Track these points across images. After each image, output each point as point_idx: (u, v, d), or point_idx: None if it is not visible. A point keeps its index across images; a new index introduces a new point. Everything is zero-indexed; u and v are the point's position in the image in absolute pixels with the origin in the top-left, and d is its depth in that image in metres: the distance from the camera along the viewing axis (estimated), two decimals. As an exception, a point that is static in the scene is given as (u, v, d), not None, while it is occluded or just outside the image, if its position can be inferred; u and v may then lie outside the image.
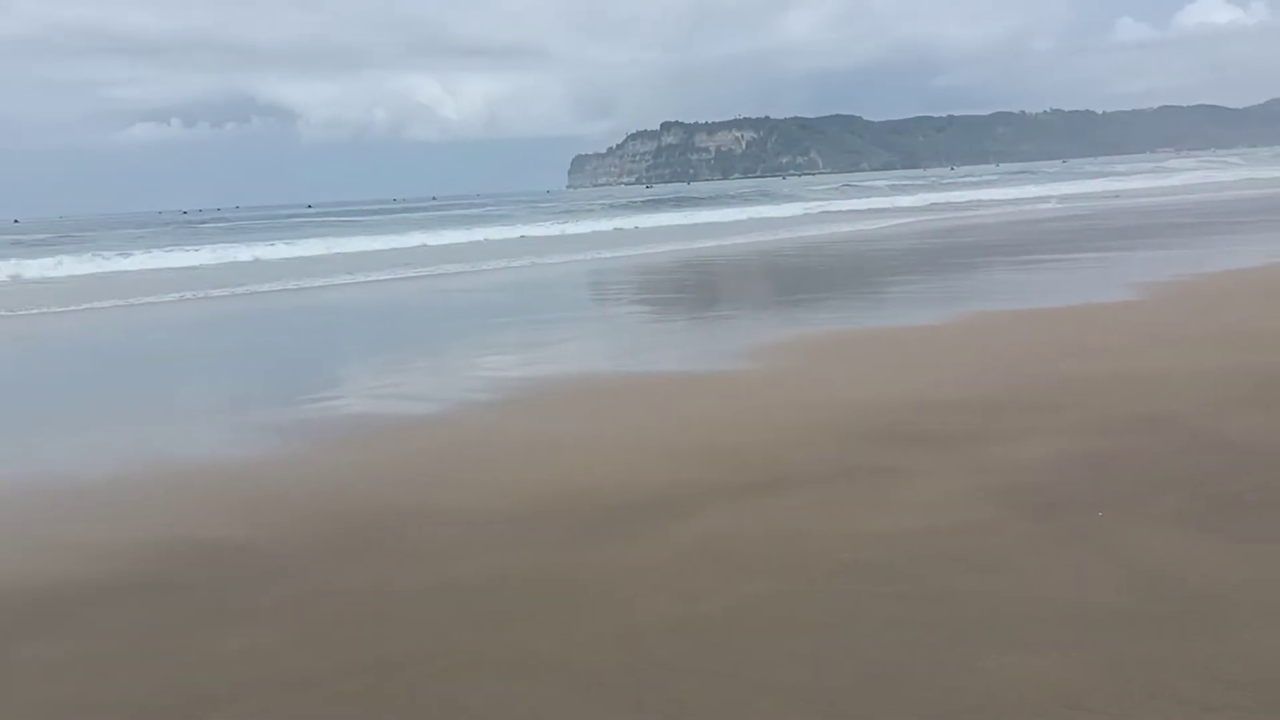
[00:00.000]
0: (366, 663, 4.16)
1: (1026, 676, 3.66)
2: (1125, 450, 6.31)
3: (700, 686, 3.77)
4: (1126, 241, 24.37)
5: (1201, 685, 3.51)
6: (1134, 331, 10.78)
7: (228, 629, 4.61)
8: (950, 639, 3.99)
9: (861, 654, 3.92)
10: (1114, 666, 3.69)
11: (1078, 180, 71.24)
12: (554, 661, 4.05)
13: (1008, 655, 3.82)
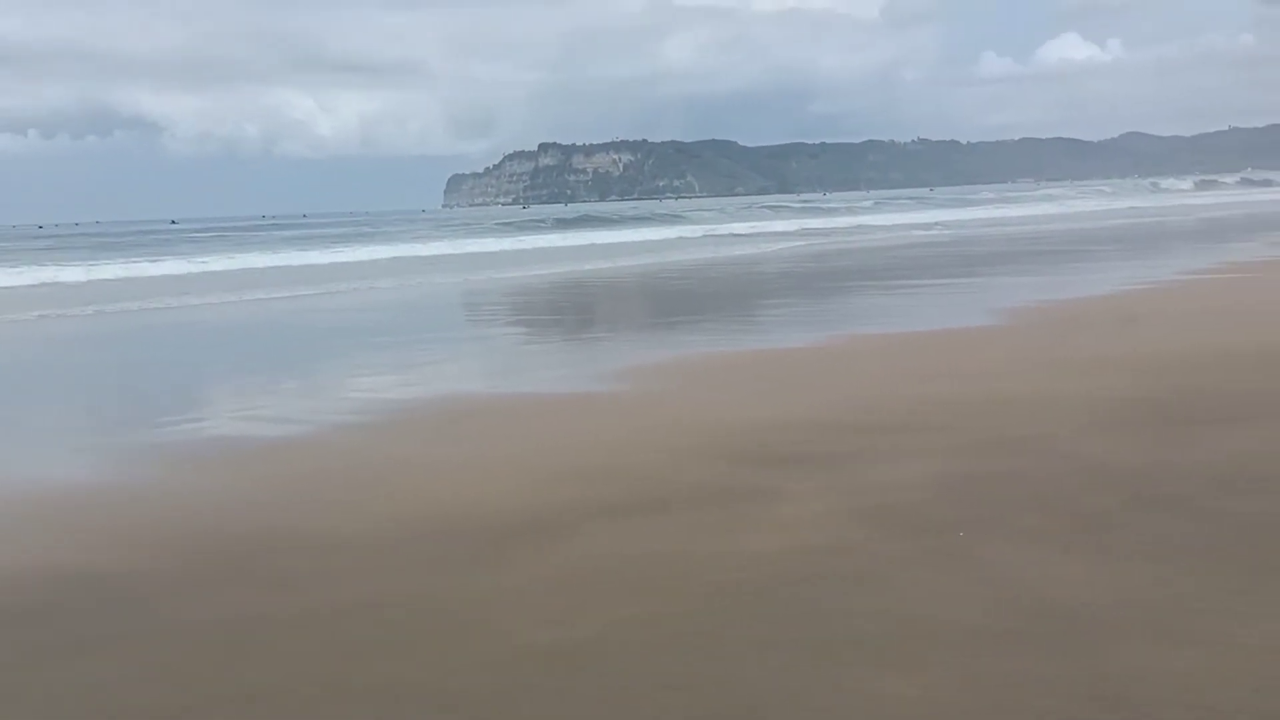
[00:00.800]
0: (227, 695, 4.00)
1: (892, 695, 3.69)
2: (990, 471, 6.46)
3: (573, 712, 3.71)
4: (993, 268, 25.14)
5: (1061, 702, 3.58)
6: (999, 355, 11.08)
7: (77, 662, 4.39)
8: (818, 660, 4.01)
9: (733, 676, 3.92)
10: (976, 684, 3.74)
11: (968, 207, 73.40)
12: (424, 690, 3.95)
13: (874, 675, 3.85)
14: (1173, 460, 6.40)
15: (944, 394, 8.94)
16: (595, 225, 62.97)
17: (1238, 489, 5.75)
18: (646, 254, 36.46)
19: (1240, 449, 6.52)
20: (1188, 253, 26.77)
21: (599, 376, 11.28)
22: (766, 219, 65.15)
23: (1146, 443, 6.85)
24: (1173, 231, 39.19)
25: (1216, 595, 4.39)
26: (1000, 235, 40.51)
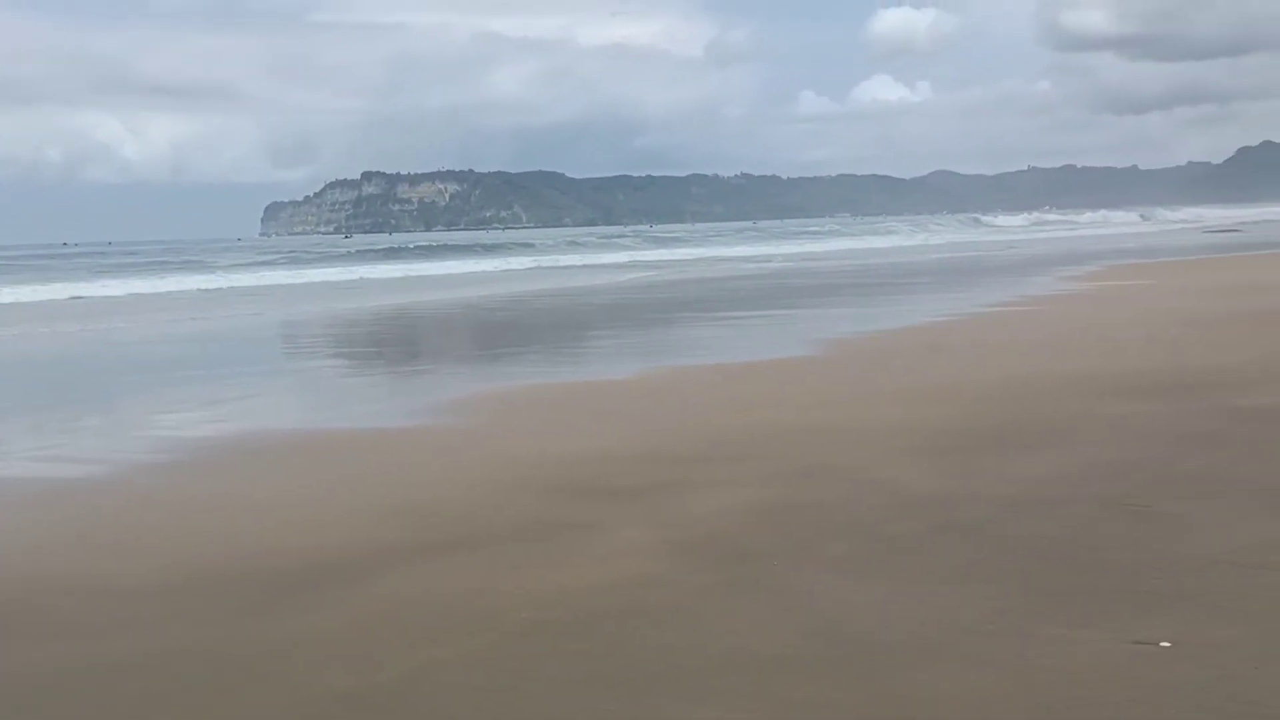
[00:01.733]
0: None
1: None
2: (803, 500, 6.58)
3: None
4: (811, 300, 25.81)
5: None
6: (815, 386, 11.34)
7: None
8: (633, 695, 3.98)
9: (544, 715, 3.86)
10: (782, 712, 3.78)
11: (802, 240, 75.27)
12: (216, 743, 3.76)
13: (688, 708, 3.84)
14: (970, 486, 6.64)
15: (761, 424, 9.08)
16: (420, 256, 62.10)
17: (1030, 513, 5.99)
18: (472, 285, 36.21)
19: (1032, 475, 6.80)
20: (989, 286, 28.01)
21: (418, 410, 11.10)
22: (595, 250, 65.52)
23: (947, 469, 7.09)
24: (977, 265, 40.99)
25: (1007, 617, 4.54)
26: (825, 268, 41.68)
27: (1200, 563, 5.01)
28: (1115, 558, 5.18)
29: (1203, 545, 5.26)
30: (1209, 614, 4.41)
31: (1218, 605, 4.50)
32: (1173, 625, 4.32)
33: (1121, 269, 32.38)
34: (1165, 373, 10.39)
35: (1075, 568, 5.08)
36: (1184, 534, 5.45)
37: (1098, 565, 5.09)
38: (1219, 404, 8.63)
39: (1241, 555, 5.08)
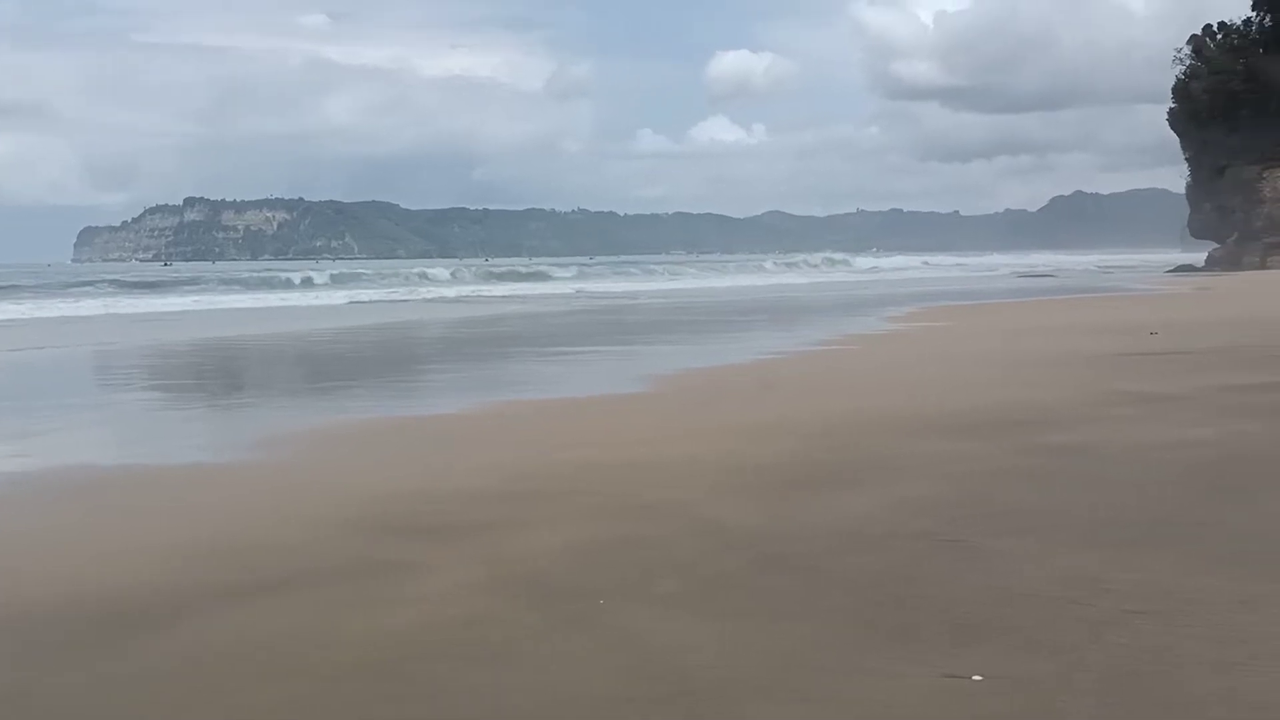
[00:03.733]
0: None
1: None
2: (632, 537, 6.55)
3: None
4: (645, 336, 26.01)
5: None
6: (645, 422, 11.38)
7: None
8: (451, 740, 3.88)
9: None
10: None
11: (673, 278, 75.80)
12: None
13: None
14: (797, 522, 6.73)
15: (590, 460, 9.06)
16: (242, 287, 60.09)
17: (853, 549, 6.09)
18: (297, 318, 35.30)
19: (856, 511, 6.94)
20: (817, 325, 28.78)
21: (238, 445, 10.71)
22: (426, 284, 64.77)
23: (774, 506, 7.17)
24: (806, 304, 42.11)
25: (829, 652, 4.59)
26: (661, 305, 42.11)
27: (1012, 596, 5.16)
28: (932, 592, 5.30)
29: (1015, 579, 5.42)
30: (1020, 647, 4.54)
31: (1029, 638, 4.63)
32: (985, 659, 4.43)
33: (944, 310, 33.64)
34: (982, 410, 10.78)
35: (895, 602, 5.18)
36: (998, 568, 5.61)
37: (916, 600, 5.20)
38: (1032, 441, 8.98)
39: (1051, 588, 5.25)
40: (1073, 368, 14.57)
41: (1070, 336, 20.54)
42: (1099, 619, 4.81)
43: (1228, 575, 5.31)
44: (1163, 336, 18.42)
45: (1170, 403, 10.69)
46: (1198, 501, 6.83)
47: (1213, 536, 6.00)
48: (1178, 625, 4.69)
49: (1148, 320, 23.19)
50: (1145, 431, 9.21)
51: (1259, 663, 4.25)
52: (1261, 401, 10.44)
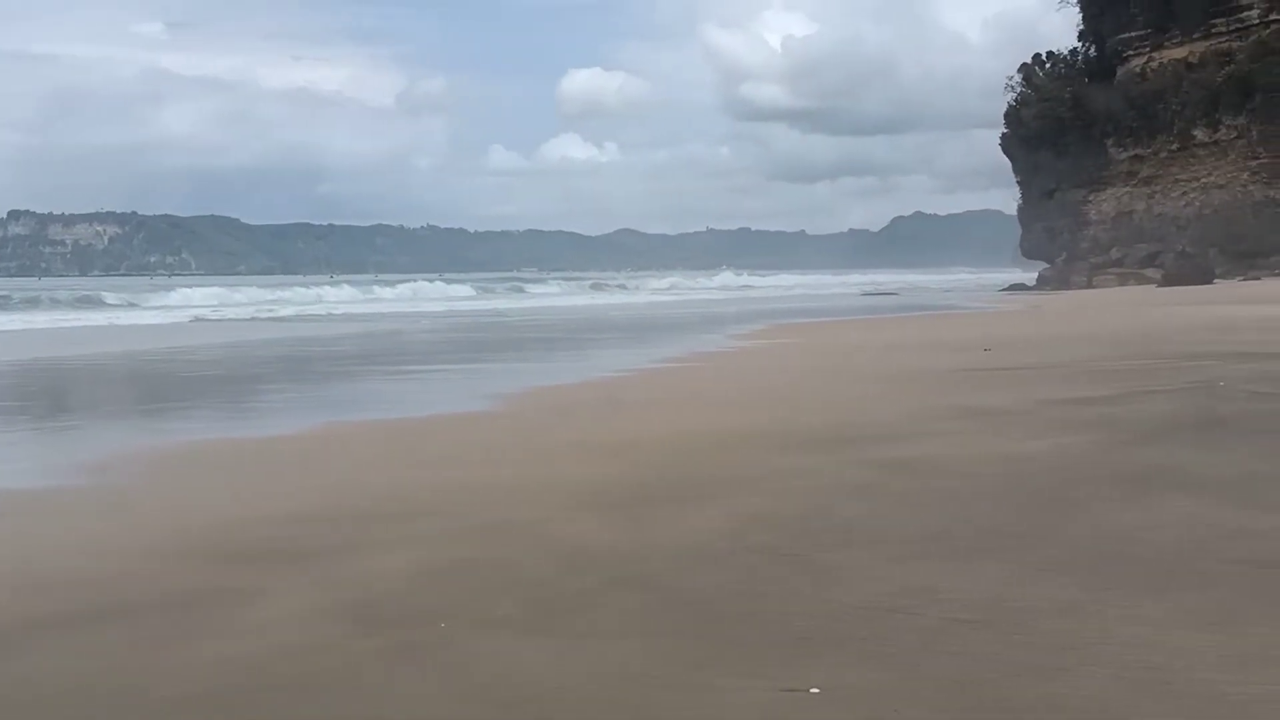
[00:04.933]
0: None
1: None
2: (476, 558, 6.48)
3: None
4: (494, 353, 25.83)
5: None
6: (492, 440, 11.28)
7: None
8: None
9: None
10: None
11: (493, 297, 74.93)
12: None
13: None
14: (644, 539, 6.74)
15: (435, 480, 8.94)
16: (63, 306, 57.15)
17: (698, 565, 6.13)
18: (125, 337, 33.98)
19: (701, 527, 6.99)
20: (667, 342, 28.99)
21: (59, 469, 10.21)
22: (268, 302, 63.11)
23: (621, 523, 7.18)
24: (658, 322, 42.40)
25: (671, 668, 4.61)
26: (511, 321, 41.87)
27: (849, 608, 5.26)
28: (772, 606, 5.37)
29: (853, 592, 5.52)
30: (856, 658, 4.63)
31: (864, 649, 4.72)
32: (822, 671, 4.50)
33: (790, 328, 34.29)
34: (824, 426, 11.00)
35: (736, 618, 5.23)
36: (835, 581, 5.71)
37: (756, 614, 5.26)
38: (870, 456, 9.18)
39: (886, 600, 5.36)
40: (910, 383, 14.99)
41: (909, 353, 21.13)
42: (931, 629, 4.94)
43: (1053, 584, 5.51)
44: (996, 353, 19.08)
45: (1001, 417, 11.06)
46: (1025, 513, 7.07)
47: (1039, 547, 6.22)
48: (1006, 634, 4.84)
49: (982, 337, 24.00)
50: (977, 445, 9.51)
51: (1083, 668, 4.41)
52: (1085, 415, 10.88)
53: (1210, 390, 12.21)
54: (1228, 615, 4.92)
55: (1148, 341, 20.53)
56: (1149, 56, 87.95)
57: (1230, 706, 4.02)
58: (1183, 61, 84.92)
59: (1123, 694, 4.16)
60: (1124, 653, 4.54)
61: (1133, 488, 7.60)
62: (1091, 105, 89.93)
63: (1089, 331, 25.81)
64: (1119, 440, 9.41)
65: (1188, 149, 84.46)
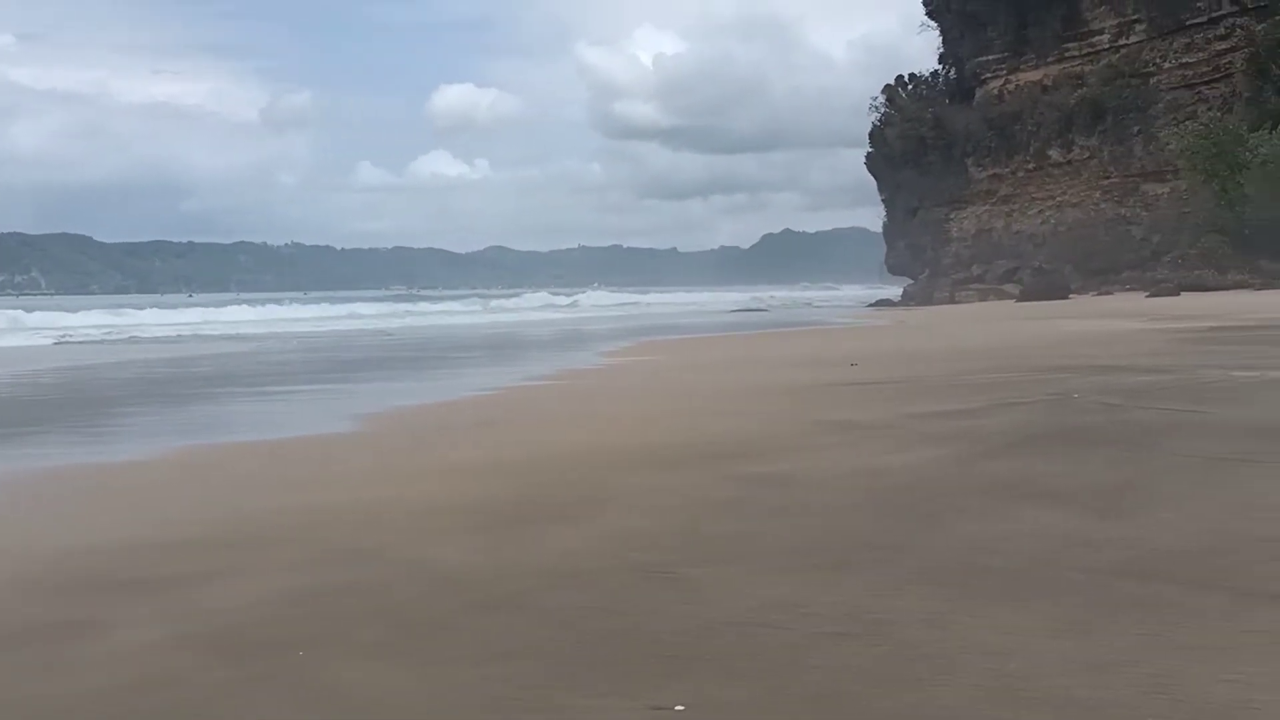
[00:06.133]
0: None
1: None
2: (337, 584, 6.31)
3: None
4: (360, 373, 25.36)
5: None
6: (356, 463, 11.06)
7: None
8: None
9: None
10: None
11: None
12: None
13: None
14: (510, 561, 6.65)
15: (295, 505, 8.70)
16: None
17: (566, 585, 6.07)
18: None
19: (569, 546, 6.93)
20: (536, 360, 28.91)
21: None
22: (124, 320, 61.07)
23: (488, 545, 7.07)
24: (528, 340, 42.26)
25: (536, 690, 4.54)
26: (380, 341, 41.21)
27: (717, 625, 5.25)
28: (641, 624, 5.33)
29: (720, 607, 5.52)
30: (721, 675, 4.62)
31: (729, 666, 4.72)
32: (689, 688, 4.48)
33: (660, 344, 34.49)
34: (692, 443, 11.03)
35: (606, 636, 5.18)
36: (703, 598, 5.71)
37: (624, 633, 5.22)
38: (738, 471, 9.23)
39: (753, 615, 5.37)
40: (779, 399, 15.16)
41: (778, 369, 21.41)
42: (798, 642, 4.96)
43: (916, 595, 5.58)
44: (862, 368, 19.44)
45: (867, 431, 11.25)
46: (889, 525, 7.17)
47: (902, 558, 6.30)
48: (869, 645, 4.89)
49: (849, 352, 24.47)
50: (843, 459, 9.64)
51: (942, 678, 4.47)
52: (947, 428, 11.11)
53: (1065, 402, 12.61)
54: (1079, 622, 5.04)
55: (1007, 355, 21.17)
56: (1006, 79, 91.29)
57: (1080, 711, 4.11)
58: (1038, 84, 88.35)
59: (979, 702, 4.23)
60: (982, 661, 4.62)
61: (992, 499, 7.76)
62: (952, 126, 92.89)
63: (952, 346, 26.50)
64: (979, 452, 9.63)
65: (1043, 169, 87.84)
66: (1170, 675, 4.36)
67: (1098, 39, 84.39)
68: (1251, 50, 73.25)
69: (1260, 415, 10.90)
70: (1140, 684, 4.30)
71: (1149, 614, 5.10)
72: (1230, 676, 4.31)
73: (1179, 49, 79.07)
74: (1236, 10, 75.77)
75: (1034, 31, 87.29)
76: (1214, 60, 77.48)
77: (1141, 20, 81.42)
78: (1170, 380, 14.58)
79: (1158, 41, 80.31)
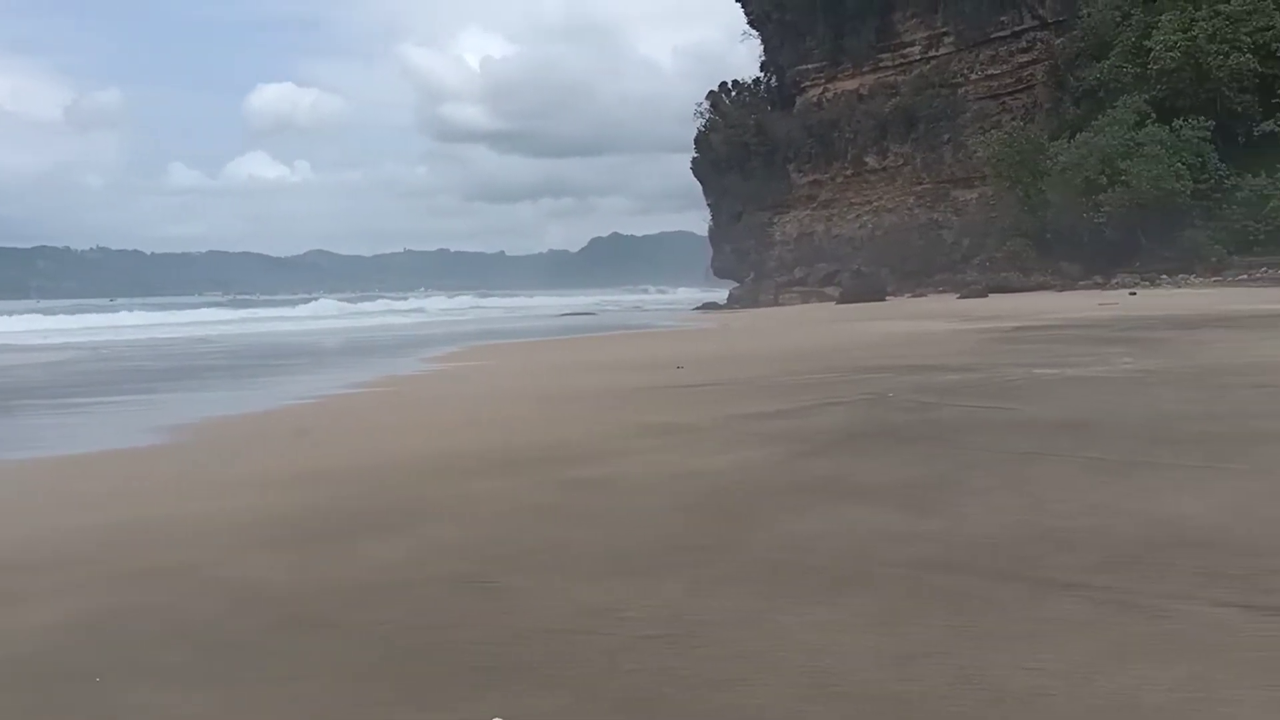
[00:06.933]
0: None
1: None
2: (135, 605, 6.01)
3: None
4: (167, 383, 24.35)
5: None
6: (162, 477, 10.60)
7: None
8: None
9: None
10: None
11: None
12: None
13: None
14: (323, 575, 6.43)
15: (94, 523, 8.30)
16: None
17: (381, 599, 5.91)
18: None
19: (386, 559, 6.74)
20: (357, 367, 28.25)
21: None
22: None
23: (299, 560, 6.83)
24: (349, 345, 41.33)
25: (346, 711, 4.41)
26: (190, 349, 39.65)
27: (534, 633, 5.18)
28: (456, 636, 5.22)
29: (538, 615, 5.45)
30: (537, 684, 4.55)
31: (546, 673, 4.66)
32: (505, 699, 4.41)
33: (486, 349, 34.19)
34: (513, 448, 10.90)
35: (419, 650, 5.06)
36: (520, 606, 5.62)
37: (439, 645, 5.11)
38: (560, 476, 9.15)
39: (571, 621, 5.33)
40: (603, 402, 15.15)
41: (603, 372, 21.43)
42: (615, 647, 4.92)
43: (734, 595, 5.61)
44: (687, 370, 19.61)
45: (690, 433, 11.32)
46: (709, 526, 7.21)
47: (721, 559, 6.33)
48: (688, 648, 4.88)
49: (676, 355, 24.69)
50: (665, 462, 9.67)
51: (759, 676, 4.51)
52: (769, 428, 11.28)
53: (882, 401, 12.96)
54: (890, 616, 5.14)
55: (827, 356, 21.67)
56: (824, 87, 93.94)
57: (892, 704, 4.18)
58: (854, 93, 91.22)
59: (795, 699, 4.27)
60: (798, 658, 4.66)
61: (810, 497, 7.88)
62: (774, 132, 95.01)
63: (774, 347, 27.03)
64: (799, 452, 9.78)
65: (861, 175, 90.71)
66: (975, 665, 4.48)
67: (909, 50, 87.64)
68: (1051, 63, 77.27)
69: (1059, 411, 11.39)
70: (948, 675, 4.40)
71: (957, 606, 5.24)
72: (1030, 665, 4.45)
73: (985, 61, 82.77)
74: (1038, 25, 79.73)
75: (850, 42, 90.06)
76: (1017, 72, 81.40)
77: (950, 33, 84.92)
78: (978, 379, 15.15)
79: (965, 53, 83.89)
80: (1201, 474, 7.86)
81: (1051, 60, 77.14)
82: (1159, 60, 64.21)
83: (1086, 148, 63.90)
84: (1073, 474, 8.14)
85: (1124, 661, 4.43)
